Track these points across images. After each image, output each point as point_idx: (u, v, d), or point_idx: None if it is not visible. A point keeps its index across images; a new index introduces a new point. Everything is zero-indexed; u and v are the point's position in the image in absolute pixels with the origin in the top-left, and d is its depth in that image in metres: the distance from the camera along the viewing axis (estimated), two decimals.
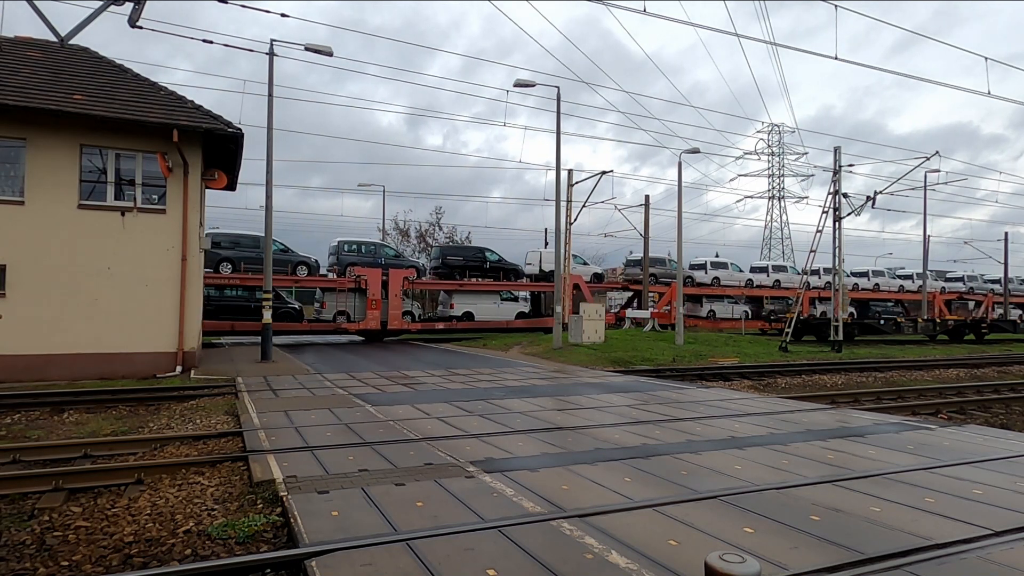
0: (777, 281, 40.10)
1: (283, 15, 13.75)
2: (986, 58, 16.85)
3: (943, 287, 44.49)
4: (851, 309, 40.10)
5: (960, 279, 46.44)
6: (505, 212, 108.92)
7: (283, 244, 26.25)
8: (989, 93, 18.06)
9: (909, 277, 43.60)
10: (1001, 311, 43.41)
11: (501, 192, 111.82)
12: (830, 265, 27.83)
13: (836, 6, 13.87)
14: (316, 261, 27.56)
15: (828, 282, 40.93)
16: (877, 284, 42.13)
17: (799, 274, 41.46)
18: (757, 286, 39.39)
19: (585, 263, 35.18)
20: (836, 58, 15.63)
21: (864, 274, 42.37)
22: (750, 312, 37.95)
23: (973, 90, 18.77)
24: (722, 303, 38.52)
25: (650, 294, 34.08)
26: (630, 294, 38.07)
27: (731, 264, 39.59)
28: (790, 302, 36.39)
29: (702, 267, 38.23)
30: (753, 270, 40.60)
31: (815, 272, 41.98)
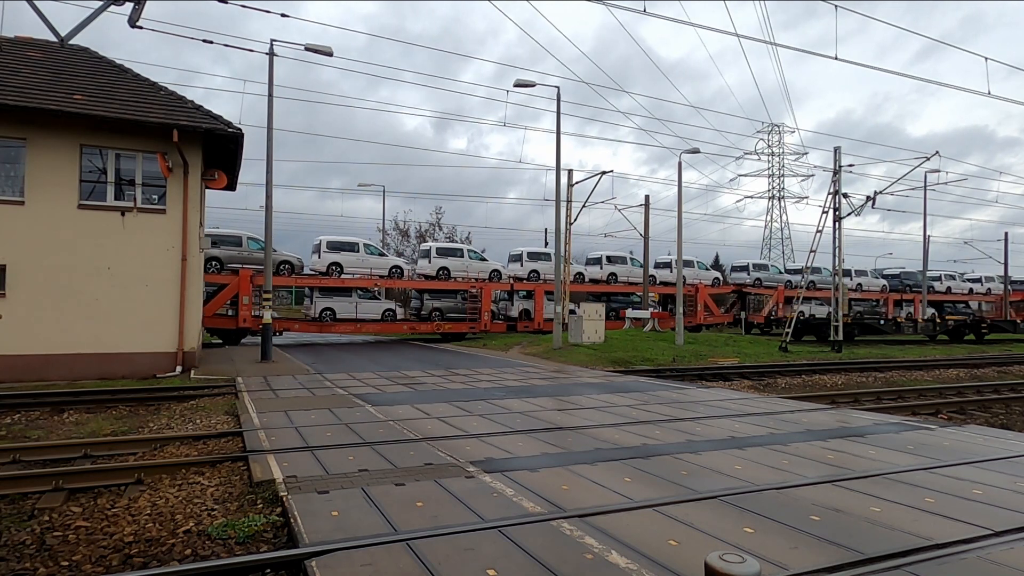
0: (612, 275, 34.09)
1: (283, 15, 13.75)
2: (986, 59, 16.89)
3: (716, 278, 37.97)
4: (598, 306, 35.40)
5: (744, 268, 38.89)
6: (519, 213, 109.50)
7: None
8: (989, 93, 18.08)
9: (689, 264, 36.40)
10: (802, 309, 37.21)
11: (517, 193, 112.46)
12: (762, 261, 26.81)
13: (836, 6, 13.90)
14: None
15: (757, 278, 37.19)
16: (618, 274, 34.93)
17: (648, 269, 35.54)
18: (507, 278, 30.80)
19: None
20: (836, 58, 15.65)
21: (602, 260, 34.87)
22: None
23: (974, 90, 18.78)
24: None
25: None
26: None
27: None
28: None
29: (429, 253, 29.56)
30: (589, 262, 34.77)
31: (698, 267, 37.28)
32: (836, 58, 15.62)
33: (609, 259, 34.47)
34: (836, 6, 13.90)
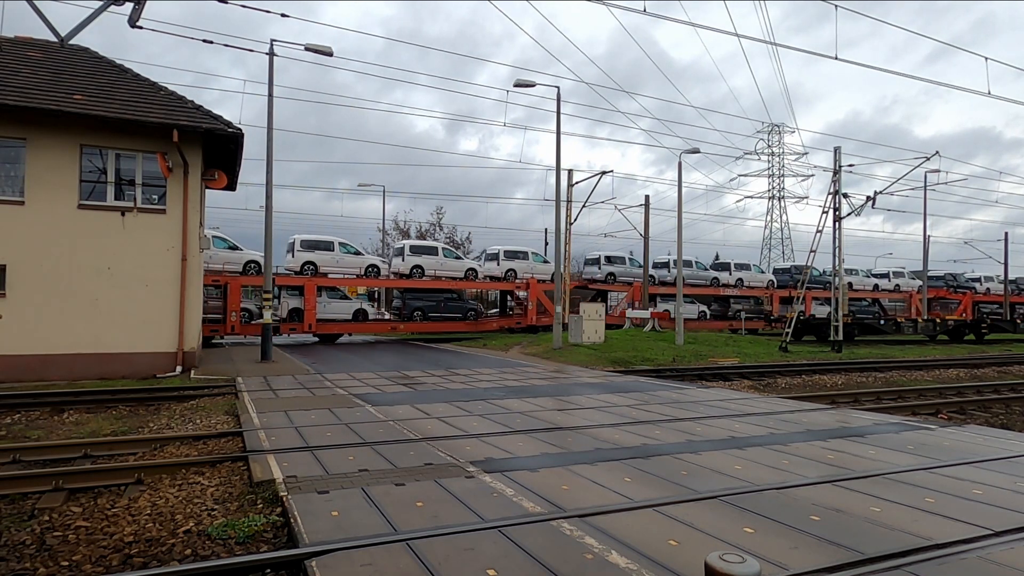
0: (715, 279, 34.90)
1: (283, 15, 13.75)
2: (986, 59, 16.90)
3: (541, 275, 31.92)
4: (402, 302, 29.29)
5: (595, 261, 34.59)
6: (524, 214, 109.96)
7: None
8: (989, 94, 18.09)
9: (522, 256, 31.92)
10: (667, 308, 32.97)
11: (524, 194, 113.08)
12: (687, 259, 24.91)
13: (836, 6, 13.91)
14: None
15: (610, 273, 33.21)
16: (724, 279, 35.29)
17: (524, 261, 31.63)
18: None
19: None
20: (836, 58, 15.66)
21: (428, 249, 30.44)
22: None
23: (974, 91, 18.79)
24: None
25: None
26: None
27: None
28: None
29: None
30: (656, 265, 33.80)
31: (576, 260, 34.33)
32: (836, 58, 15.64)
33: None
34: (836, 6, 13.92)
